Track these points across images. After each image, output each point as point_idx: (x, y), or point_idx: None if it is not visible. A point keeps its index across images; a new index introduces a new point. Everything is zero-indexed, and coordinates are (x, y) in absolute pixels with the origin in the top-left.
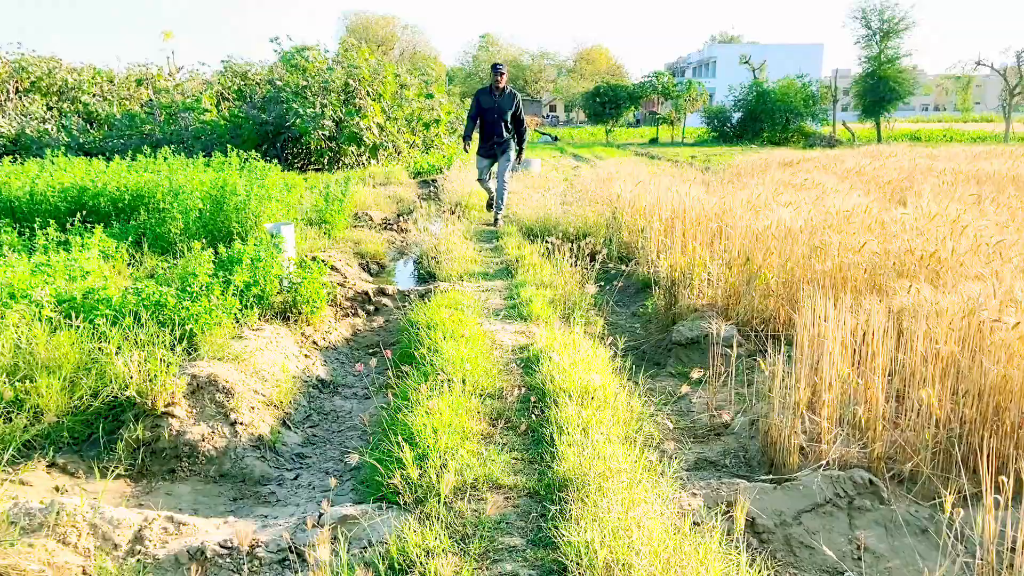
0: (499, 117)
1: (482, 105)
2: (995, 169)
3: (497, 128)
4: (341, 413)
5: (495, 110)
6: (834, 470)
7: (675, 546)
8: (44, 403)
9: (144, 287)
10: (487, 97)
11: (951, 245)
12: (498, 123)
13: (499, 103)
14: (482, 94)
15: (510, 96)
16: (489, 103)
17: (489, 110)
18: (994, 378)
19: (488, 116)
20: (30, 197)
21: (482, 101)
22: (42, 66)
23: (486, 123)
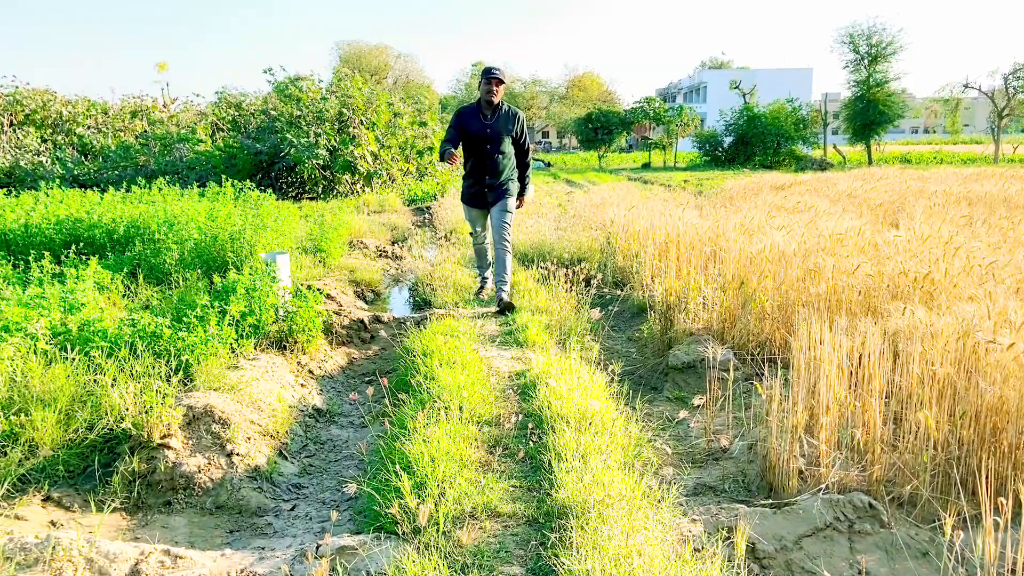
0: (494, 147)
1: (468, 129)
2: (986, 191)
3: (490, 163)
4: (338, 442)
5: (487, 137)
6: (834, 494)
7: (676, 574)
8: (39, 436)
9: (139, 318)
10: (474, 119)
11: (944, 267)
12: (492, 155)
13: (493, 126)
14: (467, 114)
15: (509, 116)
16: (477, 126)
17: (477, 136)
18: (991, 399)
19: (476, 145)
20: (25, 229)
21: (467, 123)
22: (37, 99)
23: (473, 155)
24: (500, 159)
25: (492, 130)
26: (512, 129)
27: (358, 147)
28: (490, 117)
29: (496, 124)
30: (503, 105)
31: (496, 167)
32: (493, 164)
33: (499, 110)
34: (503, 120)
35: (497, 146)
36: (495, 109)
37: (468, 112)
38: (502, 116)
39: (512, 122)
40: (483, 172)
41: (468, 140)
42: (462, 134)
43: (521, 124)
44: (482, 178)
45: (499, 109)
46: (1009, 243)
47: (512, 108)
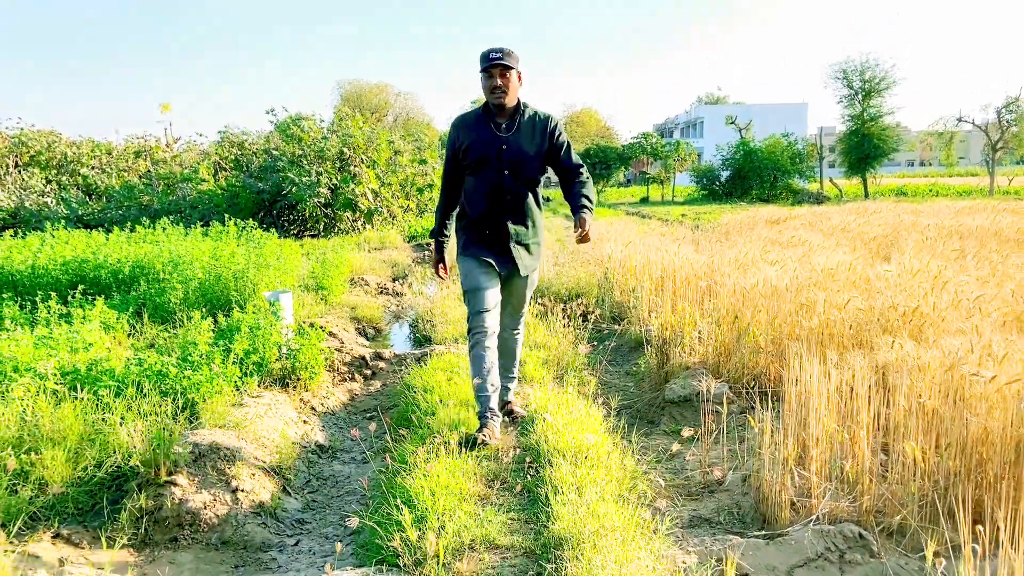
0: (514, 177)
1: (470, 148)
2: (977, 224)
3: (509, 204)
4: (340, 478)
5: (500, 160)
6: (825, 524)
7: None
8: (49, 475)
9: (146, 357)
10: (480, 131)
11: (932, 301)
12: (510, 191)
13: (510, 141)
14: (468, 126)
15: (536, 125)
16: (484, 143)
17: (484, 160)
18: (975, 430)
19: (483, 174)
20: (32, 270)
21: (469, 139)
22: (42, 140)
23: (480, 192)
24: (525, 198)
25: (510, 148)
26: (543, 145)
27: (359, 185)
28: (505, 128)
29: (516, 138)
30: (524, 108)
31: (519, 210)
32: (514, 206)
33: (519, 116)
34: (527, 131)
35: (522, 171)
36: (512, 115)
37: (471, 122)
38: (524, 125)
39: (542, 134)
40: (498, 220)
41: (472, 166)
42: (461, 158)
43: (558, 134)
44: (497, 229)
45: (519, 114)
46: (998, 277)
47: (541, 112)
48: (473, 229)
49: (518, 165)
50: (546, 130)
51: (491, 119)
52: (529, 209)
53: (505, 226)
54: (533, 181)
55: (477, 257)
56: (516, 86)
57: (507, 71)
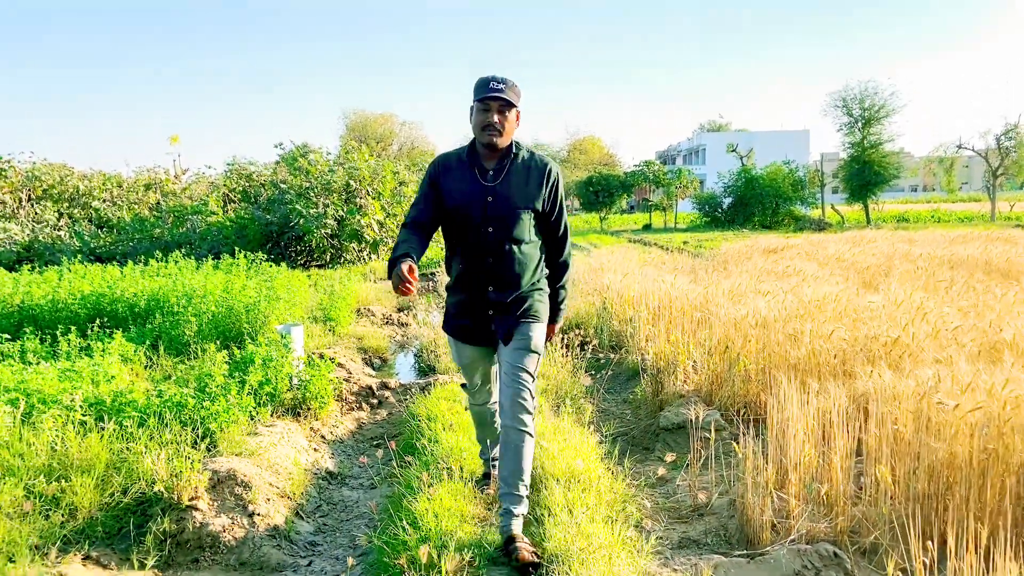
0: (502, 230)
1: (451, 195)
2: (968, 253)
3: (497, 260)
4: (349, 503)
5: (486, 212)
6: (802, 544)
7: None
8: (79, 501)
9: (166, 389)
10: (464, 176)
11: (912, 331)
12: (499, 246)
13: (499, 190)
14: (450, 168)
15: (531, 171)
16: (469, 190)
17: (469, 211)
18: (943, 455)
19: (467, 227)
20: (52, 304)
21: (451, 185)
22: (54, 174)
23: (464, 247)
24: (515, 253)
25: (498, 198)
26: (537, 195)
27: (365, 216)
28: (492, 174)
29: (505, 188)
30: (518, 150)
31: (509, 268)
32: (503, 263)
33: (511, 159)
34: (519, 178)
35: (509, 228)
36: (504, 157)
37: (452, 164)
38: (517, 171)
39: (538, 182)
40: (483, 279)
41: (454, 218)
42: (440, 205)
43: (554, 185)
44: (482, 290)
45: (511, 158)
46: (979, 307)
47: (538, 156)
48: (455, 295)
49: (505, 221)
50: (544, 180)
51: (476, 162)
52: (518, 270)
53: (484, 293)
54: (522, 241)
55: (458, 338)
56: (513, 127)
57: (507, 108)
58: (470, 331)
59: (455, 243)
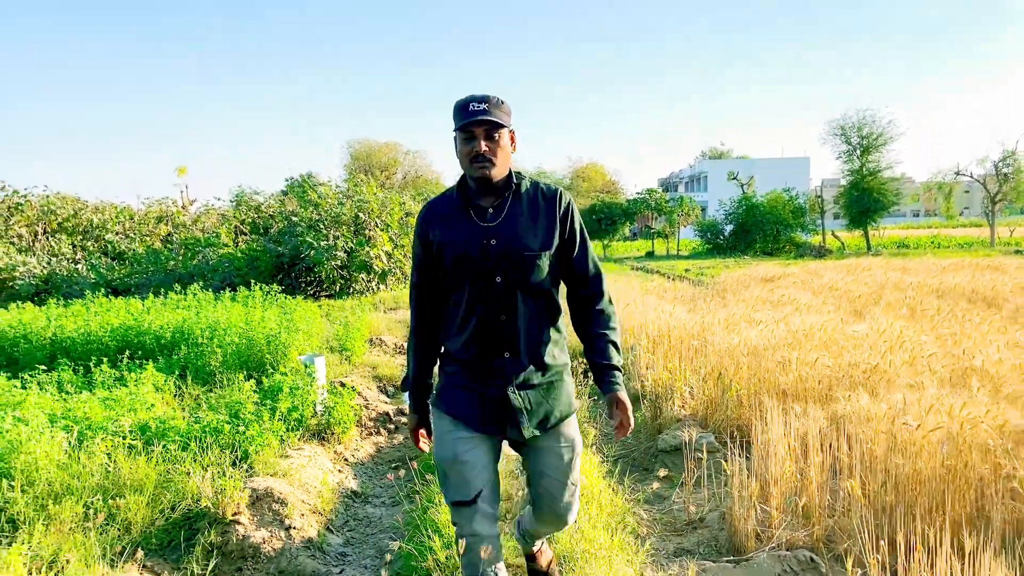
0: (510, 283)
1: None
2: (956, 282)
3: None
4: (372, 519)
5: (485, 254)
6: (782, 551)
7: None
8: (132, 516)
9: (203, 416)
10: (457, 222)
11: (890, 359)
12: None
13: (500, 232)
14: (438, 216)
15: (538, 202)
16: (464, 238)
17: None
18: (908, 471)
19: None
20: (84, 337)
21: (444, 235)
22: (68, 208)
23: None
24: (533, 307)
25: (502, 240)
26: (551, 232)
27: (374, 248)
28: (492, 213)
29: (509, 227)
30: (520, 181)
31: (527, 327)
32: (519, 321)
33: (511, 193)
34: (525, 215)
35: (523, 275)
36: (503, 192)
37: (442, 211)
38: (522, 206)
39: (548, 216)
40: (496, 342)
41: (455, 272)
42: (437, 262)
43: (568, 216)
44: (494, 356)
45: (511, 191)
46: (957, 335)
47: (544, 186)
48: (455, 363)
49: (516, 267)
50: (555, 211)
51: (470, 203)
52: (538, 333)
53: (498, 361)
54: (541, 291)
55: (455, 412)
56: (507, 152)
57: (495, 130)
58: (476, 410)
59: (458, 299)
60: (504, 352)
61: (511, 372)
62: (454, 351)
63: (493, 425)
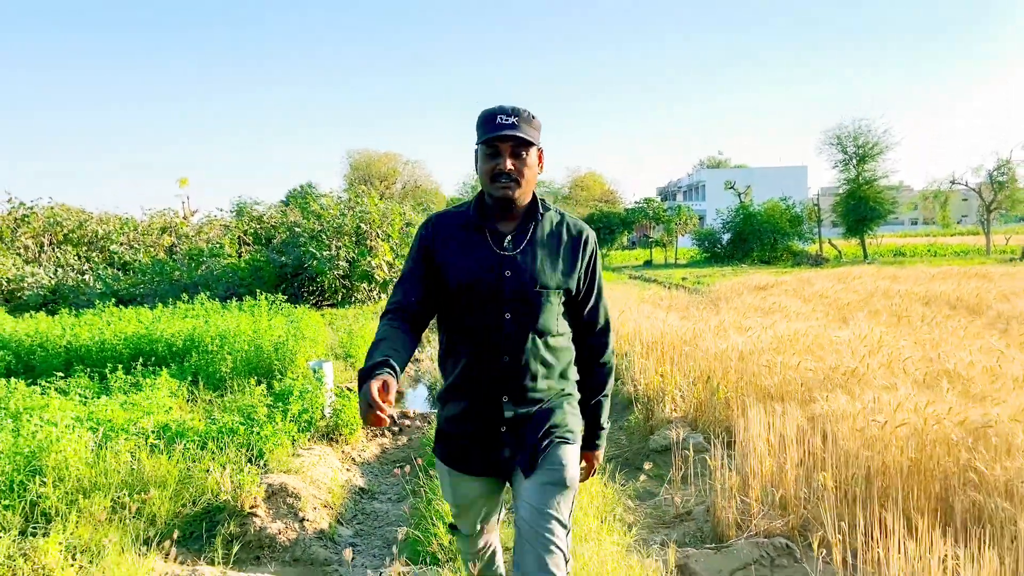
0: (522, 317)
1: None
2: (941, 290)
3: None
4: (379, 513)
5: (499, 285)
6: (760, 538)
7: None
8: (156, 510)
9: (219, 417)
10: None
11: (868, 362)
12: (518, 334)
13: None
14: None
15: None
16: (476, 256)
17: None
18: (877, 464)
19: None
20: (99, 345)
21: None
22: (74, 219)
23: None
24: (541, 350)
25: (518, 273)
26: (571, 272)
27: (375, 257)
28: (512, 241)
29: (529, 258)
30: (545, 210)
31: (531, 370)
32: (524, 363)
33: (533, 220)
34: (547, 247)
35: (534, 315)
36: (526, 219)
37: (454, 227)
38: (545, 238)
39: (572, 254)
40: (496, 385)
41: (458, 300)
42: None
43: (592, 260)
44: (493, 400)
45: (534, 218)
46: (935, 340)
47: (571, 220)
48: (453, 400)
49: (528, 305)
50: (579, 251)
51: (487, 223)
52: (544, 373)
53: (496, 405)
54: (548, 332)
55: (454, 456)
56: (534, 172)
57: (522, 147)
58: (473, 457)
59: (457, 334)
60: (503, 395)
61: (508, 416)
62: (447, 393)
63: (489, 470)
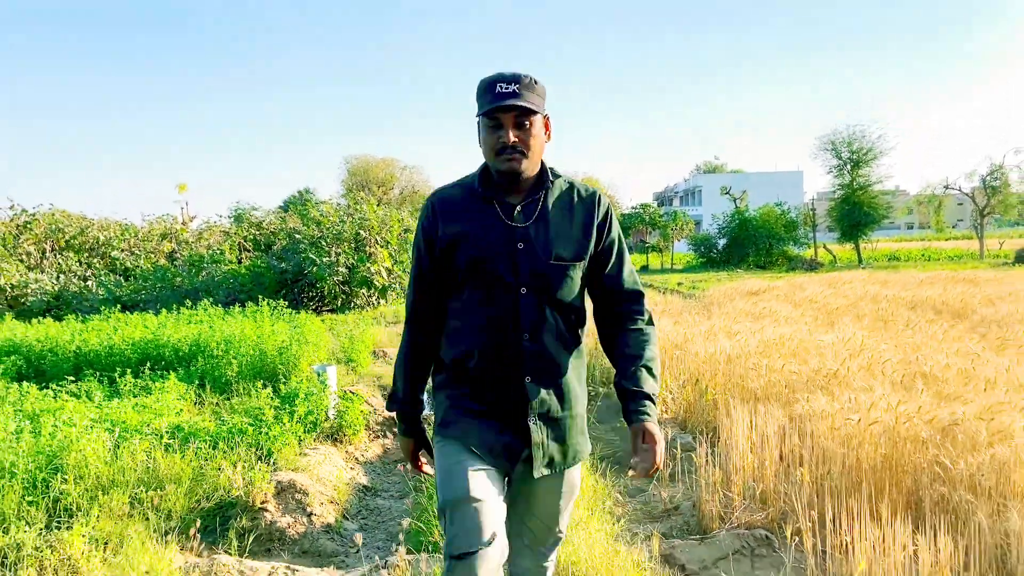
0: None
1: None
2: (928, 295)
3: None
4: (383, 509)
5: (513, 259)
6: (741, 530)
7: (618, 562)
8: (172, 505)
9: (229, 419)
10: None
11: (849, 365)
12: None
13: (530, 235)
14: (452, 206)
15: (574, 204)
16: (486, 228)
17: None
18: (852, 460)
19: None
20: (108, 350)
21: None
22: (75, 226)
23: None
24: (560, 326)
25: (532, 245)
26: (587, 240)
27: (374, 264)
28: (521, 212)
29: (542, 229)
30: (554, 178)
31: (554, 348)
32: (537, 351)
33: (544, 192)
34: (560, 217)
35: (551, 289)
36: (532, 190)
37: (457, 201)
38: (557, 207)
39: (585, 220)
40: (517, 365)
41: (469, 278)
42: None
43: (607, 223)
44: (515, 382)
45: (544, 189)
46: (916, 343)
47: (581, 186)
48: (461, 384)
49: (546, 279)
50: (592, 216)
51: (495, 196)
52: (564, 355)
53: (519, 387)
54: (569, 306)
55: (467, 439)
56: (541, 141)
57: (526, 116)
58: (491, 438)
59: (468, 315)
60: (525, 376)
61: (533, 399)
62: (463, 366)
63: (506, 459)
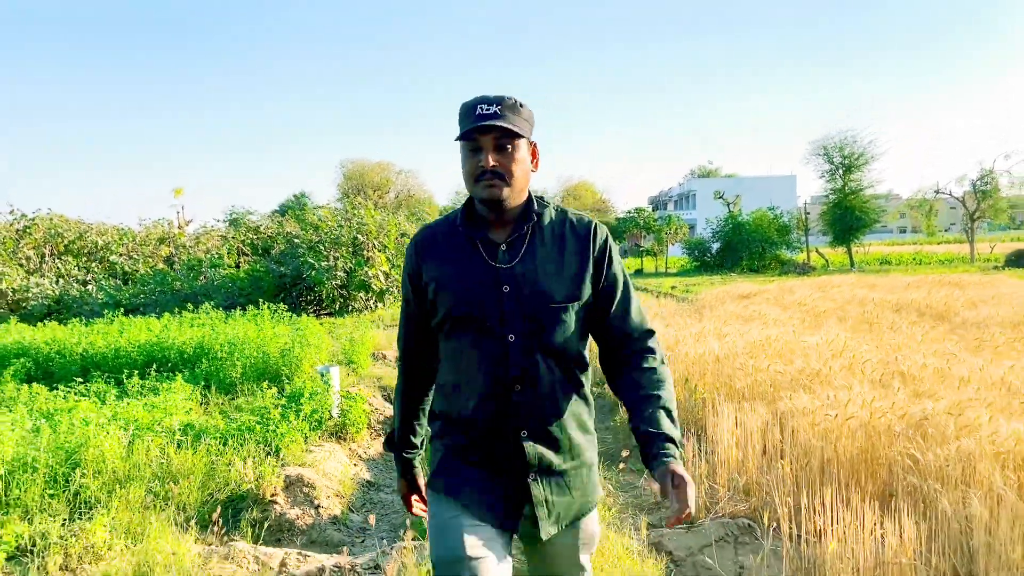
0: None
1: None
2: (913, 298)
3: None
4: (386, 503)
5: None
6: (726, 519)
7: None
8: (186, 498)
9: (237, 417)
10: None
11: (831, 365)
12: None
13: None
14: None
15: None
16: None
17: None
18: (829, 453)
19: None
20: (115, 352)
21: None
22: (73, 230)
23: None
24: (556, 373)
25: (518, 287)
26: (582, 277)
27: (372, 268)
28: (507, 250)
29: (529, 267)
30: (543, 208)
31: (549, 398)
32: (540, 390)
33: (534, 225)
34: (549, 252)
35: (543, 333)
36: (521, 222)
37: (440, 239)
38: (546, 242)
39: (579, 255)
40: (510, 418)
41: (451, 324)
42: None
43: (605, 256)
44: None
45: (533, 222)
46: (896, 345)
47: (574, 216)
48: (455, 435)
49: (536, 322)
50: (588, 250)
51: (478, 231)
52: (563, 404)
53: (515, 441)
54: (563, 352)
55: (460, 496)
56: (526, 168)
57: (508, 139)
58: (489, 496)
59: (455, 361)
60: (521, 429)
61: (531, 454)
62: (456, 416)
63: (508, 517)
